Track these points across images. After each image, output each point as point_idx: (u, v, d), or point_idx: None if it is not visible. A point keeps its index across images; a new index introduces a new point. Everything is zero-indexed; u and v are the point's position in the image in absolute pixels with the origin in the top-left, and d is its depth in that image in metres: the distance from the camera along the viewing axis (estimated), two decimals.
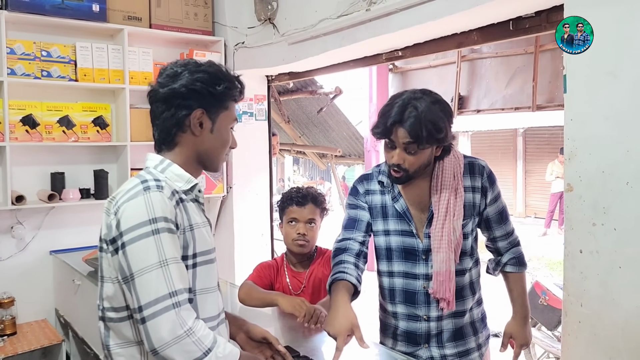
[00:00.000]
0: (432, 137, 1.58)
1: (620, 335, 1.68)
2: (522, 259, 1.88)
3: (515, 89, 3.99)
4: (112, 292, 1.27)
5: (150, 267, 1.18)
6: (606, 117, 1.68)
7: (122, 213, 1.21)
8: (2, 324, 2.98)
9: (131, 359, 1.28)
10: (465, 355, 1.77)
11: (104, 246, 1.28)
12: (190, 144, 1.34)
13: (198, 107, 1.30)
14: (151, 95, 1.35)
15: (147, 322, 1.15)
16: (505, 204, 1.86)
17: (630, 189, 1.63)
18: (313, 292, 2.19)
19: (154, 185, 1.24)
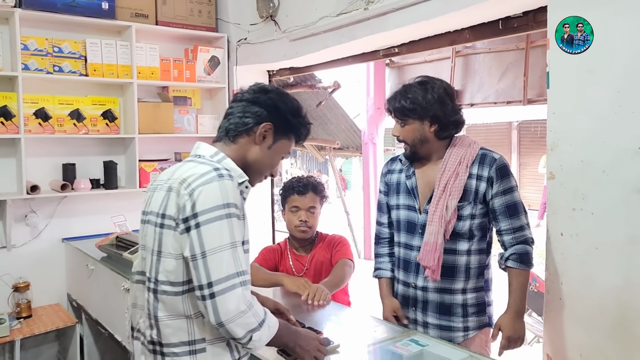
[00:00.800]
0: (406, 110, 1.88)
1: (597, 311, 1.83)
2: (525, 257, 1.89)
3: (507, 83, 4.14)
4: (172, 268, 1.33)
5: (222, 247, 1.26)
6: (585, 112, 1.83)
7: (198, 195, 1.28)
8: (19, 307, 3.13)
9: (178, 330, 1.35)
10: (447, 330, 1.93)
11: (169, 223, 1.33)
12: (246, 148, 1.45)
13: (269, 122, 1.44)
14: (238, 96, 1.49)
15: (217, 297, 1.24)
16: (520, 202, 1.92)
17: (606, 177, 1.79)
18: (315, 274, 2.35)
19: (227, 174, 1.33)
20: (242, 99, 1.47)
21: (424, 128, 1.90)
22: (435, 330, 1.95)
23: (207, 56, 3.71)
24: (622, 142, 1.74)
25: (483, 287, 1.98)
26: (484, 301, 1.99)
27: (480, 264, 1.95)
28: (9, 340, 2.87)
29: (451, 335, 1.92)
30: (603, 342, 1.81)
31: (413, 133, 1.92)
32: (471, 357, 1.51)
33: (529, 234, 1.93)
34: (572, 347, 1.91)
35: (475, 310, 1.96)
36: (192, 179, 1.32)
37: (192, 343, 1.34)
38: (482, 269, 1.96)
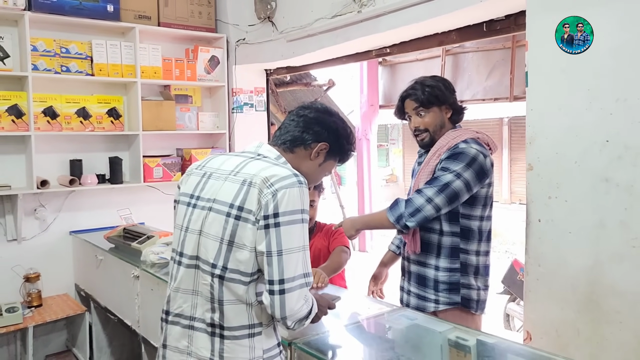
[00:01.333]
0: (432, 97, 2.08)
1: (570, 289, 2.02)
2: (394, 203, 2.05)
3: (494, 81, 4.31)
4: (245, 259, 1.39)
5: (297, 248, 1.37)
6: (559, 108, 2.01)
7: (282, 197, 1.36)
8: (30, 297, 3.29)
9: (239, 315, 1.42)
10: (422, 299, 2.14)
11: (248, 216, 1.39)
12: (301, 160, 1.56)
13: (327, 143, 1.56)
14: (302, 112, 1.59)
15: (286, 294, 1.34)
16: (445, 181, 1.98)
17: (578, 167, 1.97)
18: (314, 260, 2.51)
19: (304, 182, 1.43)
20: (305, 115, 1.57)
21: (443, 114, 2.13)
22: (414, 298, 2.16)
23: (207, 56, 3.87)
24: (591, 135, 1.92)
25: (458, 269, 2.09)
26: (458, 281, 2.09)
27: (453, 246, 2.08)
28: (22, 327, 3.03)
29: (425, 305, 2.11)
30: (575, 317, 2.00)
31: (435, 119, 2.12)
32: (455, 328, 1.69)
33: (417, 199, 1.99)
34: (549, 323, 2.09)
35: (447, 287, 2.08)
36: (274, 179, 1.39)
37: (252, 327, 1.43)
38: (456, 251, 2.09)
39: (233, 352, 1.42)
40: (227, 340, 1.42)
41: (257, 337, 1.43)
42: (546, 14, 2.04)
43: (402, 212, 1.99)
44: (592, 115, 1.91)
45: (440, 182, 1.98)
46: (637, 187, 1.82)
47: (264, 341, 1.45)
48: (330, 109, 1.64)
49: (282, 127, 1.60)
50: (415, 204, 1.98)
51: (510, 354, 1.52)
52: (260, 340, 1.44)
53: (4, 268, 3.33)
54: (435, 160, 2.09)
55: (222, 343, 1.43)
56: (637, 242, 1.83)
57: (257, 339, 1.43)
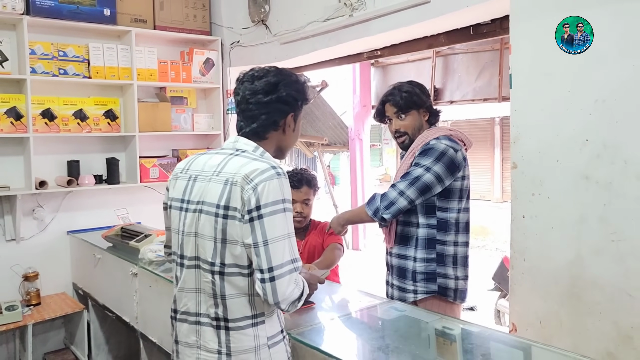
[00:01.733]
0: (410, 101, 2.22)
1: (552, 282, 2.11)
2: (371, 199, 2.18)
3: (483, 81, 4.41)
4: (239, 253, 1.47)
5: (281, 236, 1.43)
6: (541, 109, 2.10)
7: (262, 190, 1.42)
8: (29, 295, 3.34)
9: (242, 307, 1.50)
10: (402, 291, 2.24)
11: (234, 214, 1.45)
12: (277, 139, 1.61)
13: (291, 112, 1.58)
14: (249, 97, 1.56)
15: (276, 280, 1.40)
16: (416, 175, 2.10)
17: (559, 165, 2.05)
18: (308, 257, 2.59)
19: (283, 172, 1.48)
20: (258, 102, 1.55)
21: (421, 116, 2.26)
22: (396, 290, 2.26)
23: (202, 58, 3.94)
24: (572, 135, 2.01)
25: (434, 259, 2.20)
26: (434, 271, 2.20)
27: (429, 237, 2.20)
28: (21, 325, 3.09)
29: (405, 296, 2.22)
30: (558, 308, 2.09)
31: (414, 122, 2.25)
32: (442, 319, 1.77)
33: (391, 193, 2.12)
34: (533, 315, 2.18)
35: (424, 277, 2.19)
36: (254, 175, 1.44)
37: (255, 317, 1.51)
38: (433, 243, 2.20)
39: (239, 342, 1.49)
40: (233, 332, 1.50)
41: (261, 326, 1.51)
42: (529, 19, 2.13)
43: (378, 206, 2.14)
44: (572, 115, 2.00)
45: (412, 176, 2.11)
46: (615, 184, 1.91)
47: (268, 329, 1.52)
48: (273, 78, 1.57)
49: (243, 117, 1.60)
50: (390, 198, 2.12)
51: (492, 341, 1.60)
52: (264, 329, 1.51)
53: (3, 267, 3.38)
54: (410, 159, 2.22)
55: (228, 334, 1.50)
56: (616, 236, 1.92)
57: (260, 327, 1.51)
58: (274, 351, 1.52)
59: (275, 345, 1.53)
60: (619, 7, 1.85)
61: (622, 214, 1.90)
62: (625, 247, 1.89)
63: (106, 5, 3.45)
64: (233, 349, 1.50)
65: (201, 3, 3.94)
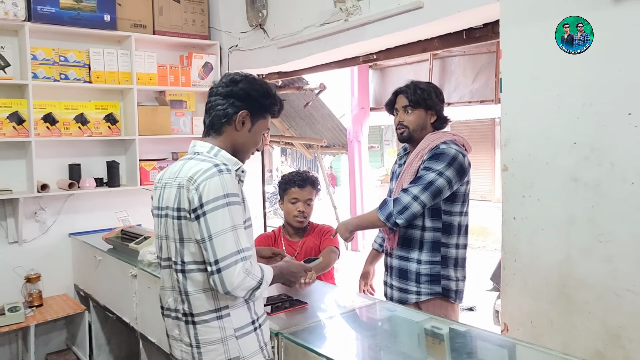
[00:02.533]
0: (422, 99, 2.26)
1: (543, 283, 2.14)
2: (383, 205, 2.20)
3: (480, 83, 4.45)
4: (195, 250, 1.58)
5: (224, 230, 1.50)
6: (531, 112, 2.14)
7: (203, 189, 1.52)
8: (31, 297, 3.39)
9: (205, 301, 1.60)
10: (404, 292, 2.28)
11: (185, 214, 1.57)
12: (232, 136, 1.67)
13: (245, 109, 1.65)
14: (213, 90, 1.68)
15: (223, 271, 1.48)
16: (429, 180, 2.14)
17: (549, 168, 2.09)
18: (304, 258, 2.64)
19: (225, 169, 1.56)
20: (217, 93, 1.66)
21: (427, 117, 2.30)
22: (397, 291, 2.30)
23: (201, 62, 3.99)
24: (560, 138, 2.04)
25: (439, 262, 2.25)
26: (439, 273, 2.24)
27: (434, 240, 2.24)
28: (23, 325, 3.14)
29: (407, 297, 2.26)
30: (548, 308, 2.12)
31: (418, 119, 2.29)
32: (431, 319, 1.81)
33: (403, 197, 2.14)
34: (524, 315, 2.22)
35: (428, 279, 2.24)
36: (197, 175, 1.55)
37: (218, 310, 1.60)
38: (438, 245, 2.25)
39: (206, 335, 1.60)
40: (199, 325, 1.61)
41: (226, 319, 1.60)
42: (519, 24, 2.17)
43: (391, 211, 2.15)
44: (560, 118, 2.04)
45: (425, 181, 2.14)
46: (602, 186, 1.95)
47: (234, 321, 1.61)
48: (237, 77, 1.68)
49: (207, 111, 1.70)
50: (403, 202, 2.14)
51: (480, 341, 1.64)
52: (229, 321, 1.60)
53: (5, 269, 3.43)
54: (418, 162, 2.24)
55: (195, 328, 1.62)
56: (604, 237, 1.96)
57: (226, 320, 1.60)
58: (242, 342, 1.61)
59: (244, 336, 1.61)
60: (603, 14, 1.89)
61: (610, 215, 1.93)
62: (612, 247, 1.93)
63: (106, 11, 3.51)
64: (201, 342, 1.61)
65: (200, 8, 3.99)
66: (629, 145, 1.87)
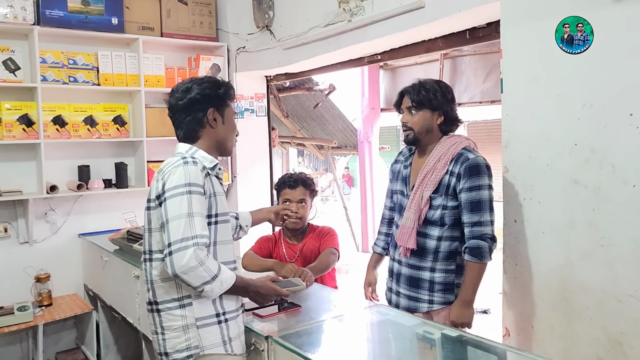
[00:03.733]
0: (426, 100, 2.17)
1: (543, 286, 2.11)
2: (477, 251, 2.05)
3: (491, 83, 4.39)
4: (159, 238, 1.68)
5: (180, 215, 1.57)
6: (531, 113, 2.10)
7: (167, 178, 1.63)
8: (41, 296, 3.45)
9: (169, 289, 1.68)
10: (414, 300, 2.21)
11: (154, 204, 1.69)
12: (210, 135, 1.77)
13: (210, 107, 1.74)
14: (173, 107, 1.78)
15: (173, 254, 1.54)
16: (486, 200, 2.07)
17: (549, 170, 2.06)
18: (305, 261, 2.62)
19: (191, 161, 1.66)
20: (178, 109, 1.76)
21: (433, 119, 2.19)
22: (405, 299, 2.24)
23: (209, 64, 4.01)
24: (561, 139, 2.01)
25: (453, 270, 2.17)
26: (453, 282, 2.17)
27: (451, 249, 2.16)
28: (32, 325, 3.19)
29: (417, 305, 2.19)
30: (549, 313, 2.09)
31: (423, 121, 2.19)
32: (424, 323, 1.79)
33: (486, 230, 2.06)
34: (525, 319, 2.18)
35: (442, 288, 2.17)
36: (166, 167, 1.68)
37: (181, 299, 1.67)
38: (454, 254, 2.17)
39: (169, 322, 1.68)
40: (163, 312, 1.69)
41: (188, 307, 1.67)
42: (519, 24, 2.14)
43: (489, 247, 2.08)
44: (561, 120, 2.00)
45: (486, 202, 2.09)
46: (603, 188, 1.91)
47: (196, 310, 1.67)
48: (186, 87, 1.76)
49: (176, 124, 1.80)
50: (490, 233, 2.08)
51: (469, 346, 1.61)
52: (191, 310, 1.67)
53: (16, 269, 3.49)
54: (442, 170, 2.14)
55: (160, 316, 1.70)
56: (604, 241, 1.92)
57: (188, 309, 1.67)
58: (203, 332, 1.66)
59: (205, 327, 1.67)
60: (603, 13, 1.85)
61: (611, 219, 1.89)
62: (613, 252, 1.89)
63: (114, 14, 3.55)
64: (165, 328, 1.69)
65: (207, 10, 4.01)
66: (631, 147, 1.82)
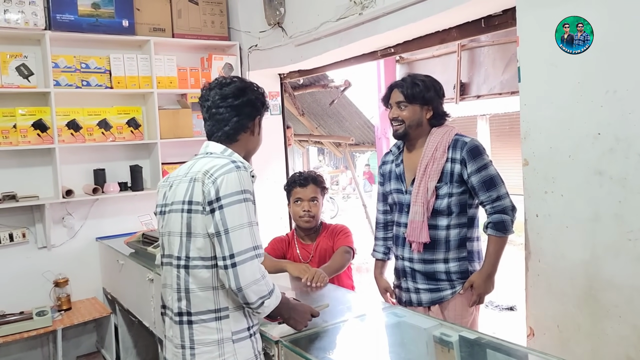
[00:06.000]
0: (419, 95, 2.17)
1: (569, 283, 2.01)
2: (501, 225, 2.11)
3: (511, 74, 4.25)
4: (202, 245, 1.56)
5: (242, 225, 1.51)
6: (551, 102, 2.00)
7: (221, 183, 1.52)
8: (59, 301, 3.46)
9: (206, 300, 1.57)
10: (436, 291, 2.20)
11: (197, 207, 1.56)
12: (247, 142, 1.74)
13: (258, 115, 1.74)
14: (218, 103, 1.68)
15: (238, 266, 1.47)
16: (496, 175, 2.12)
17: (572, 161, 1.96)
18: (320, 261, 2.56)
19: (242, 166, 1.59)
20: (229, 105, 1.68)
21: (423, 113, 2.20)
22: (426, 293, 2.21)
23: (221, 63, 3.97)
24: (583, 128, 1.91)
25: (466, 257, 2.19)
26: (467, 269, 2.19)
27: (461, 237, 2.18)
28: (51, 330, 3.20)
29: (441, 295, 2.19)
30: (575, 311, 1.99)
31: (413, 115, 2.19)
32: (441, 325, 1.71)
33: (506, 203, 2.12)
34: (550, 318, 2.08)
35: (459, 276, 2.19)
36: (214, 169, 1.56)
37: (218, 311, 1.57)
38: (464, 241, 2.18)
39: (202, 335, 1.57)
40: (195, 325, 1.57)
41: (225, 320, 1.57)
42: (536, 9, 2.04)
43: (511, 219, 2.14)
44: (582, 108, 1.90)
45: (497, 178, 2.13)
46: (630, 179, 1.80)
47: (232, 324, 1.57)
48: (241, 84, 1.71)
49: (215, 121, 1.70)
50: (510, 204, 2.13)
51: (488, 349, 1.53)
52: (228, 323, 1.57)
53: (35, 274, 3.51)
54: (441, 158, 2.16)
55: (191, 328, 1.58)
56: (633, 235, 1.82)
57: (224, 321, 1.57)
58: (238, 346, 1.57)
59: (240, 341, 1.58)
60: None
61: (639, 211, 1.78)
62: None
63: (124, 16, 3.53)
64: (197, 342, 1.57)
65: (219, 9, 3.97)
66: None
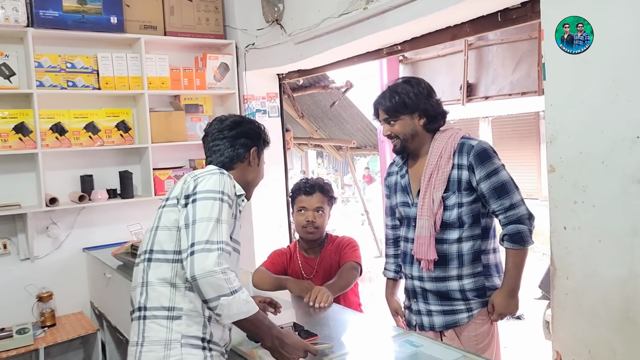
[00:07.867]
0: (399, 106, 1.99)
1: (602, 304, 1.80)
2: (517, 237, 1.93)
3: (521, 74, 4.06)
4: (165, 237, 1.56)
5: (209, 218, 1.48)
6: (581, 102, 1.79)
7: (201, 181, 1.56)
8: (43, 317, 3.24)
9: (161, 296, 1.54)
10: (451, 314, 1.98)
11: (172, 202, 1.58)
12: (243, 171, 1.76)
13: (254, 146, 1.78)
14: (215, 135, 1.77)
15: (195, 254, 1.42)
16: (508, 181, 1.94)
17: (605, 168, 1.75)
18: (324, 277, 2.34)
19: (227, 173, 1.62)
20: (225, 137, 1.75)
21: (414, 122, 2.01)
22: (439, 316, 1.99)
23: (217, 63, 3.76)
24: (619, 131, 1.70)
25: (481, 272, 1.99)
26: (484, 285, 2.00)
27: (474, 250, 1.98)
28: (33, 349, 2.97)
29: (456, 318, 1.97)
30: (610, 336, 1.78)
31: (404, 127, 2.01)
32: (464, 357, 1.50)
33: (522, 211, 1.94)
34: (581, 343, 1.87)
35: (476, 294, 1.99)
36: (199, 173, 1.62)
37: (172, 309, 1.52)
38: (478, 255, 1.98)
39: (151, 331, 1.52)
40: (148, 320, 1.54)
41: (177, 321, 1.52)
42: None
43: (529, 229, 1.96)
44: (618, 108, 1.70)
45: (510, 182, 1.95)
46: None
47: (184, 327, 1.52)
48: (238, 118, 1.83)
49: (212, 152, 1.77)
50: (526, 212, 1.95)
51: None
52: (179, 325, 1.52)
53: (17, 288, 3.29)
54: (447, 166, 1.97)
55: (144, 324, 1.54)
56: None
57: (176, 322, 1.52)
58: (186, 351, 1.50)
59: (189, 347, 1.51)
60: None
61: None
62: None
63: (112, 13, 3.32)
64: (146, 338, 1.53)
65: (214, 6, 3.76)
66: None
